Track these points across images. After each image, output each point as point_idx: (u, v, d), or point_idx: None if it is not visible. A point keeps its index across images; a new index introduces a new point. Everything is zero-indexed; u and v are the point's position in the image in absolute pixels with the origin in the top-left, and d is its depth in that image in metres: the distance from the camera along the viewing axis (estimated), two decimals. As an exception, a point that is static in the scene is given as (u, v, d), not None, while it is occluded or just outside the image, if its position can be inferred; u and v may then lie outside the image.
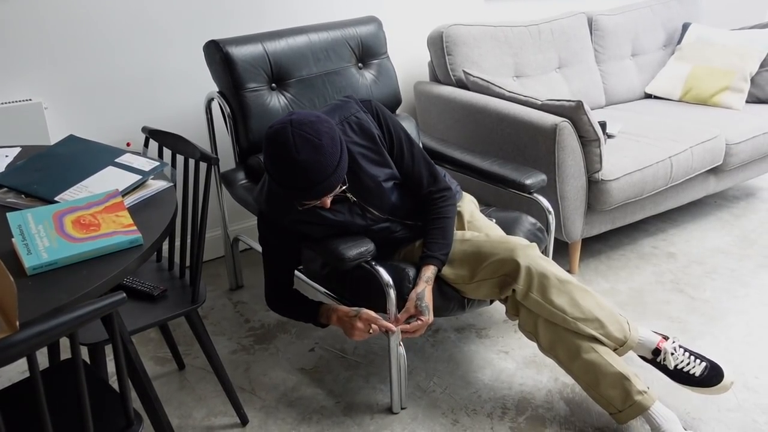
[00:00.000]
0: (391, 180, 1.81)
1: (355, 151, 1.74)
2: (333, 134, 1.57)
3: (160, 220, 1.39)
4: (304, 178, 1.55)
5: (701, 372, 1.76)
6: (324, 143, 1.54)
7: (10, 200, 1.48)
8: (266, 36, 2.25)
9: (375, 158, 1.77)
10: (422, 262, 1.80)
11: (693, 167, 2.71)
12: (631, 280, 2.59)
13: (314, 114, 1.59)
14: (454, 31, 2.81)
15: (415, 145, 1.85)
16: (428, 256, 1.80)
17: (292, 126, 1.55)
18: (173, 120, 2.62)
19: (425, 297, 1.75)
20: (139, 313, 1.68)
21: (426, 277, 1.77)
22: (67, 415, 1.32)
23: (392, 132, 1.81)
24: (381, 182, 1.78)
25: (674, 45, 3.50)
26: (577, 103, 2.32)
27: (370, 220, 1.82)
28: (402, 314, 1.76)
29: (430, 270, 1.79)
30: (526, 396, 1.99)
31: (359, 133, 1.75)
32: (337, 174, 1.58)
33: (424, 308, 1.74)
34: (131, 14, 2.41)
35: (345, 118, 1.75)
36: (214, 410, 1.97)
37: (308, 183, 1.56)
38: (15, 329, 0.98)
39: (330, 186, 1.59)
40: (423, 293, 1.75)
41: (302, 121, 1.56)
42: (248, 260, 2.85)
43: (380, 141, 1.78)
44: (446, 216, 1.85)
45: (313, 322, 1.86)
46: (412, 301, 1.75)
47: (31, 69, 2.29)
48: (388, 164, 1.80)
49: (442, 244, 1.82)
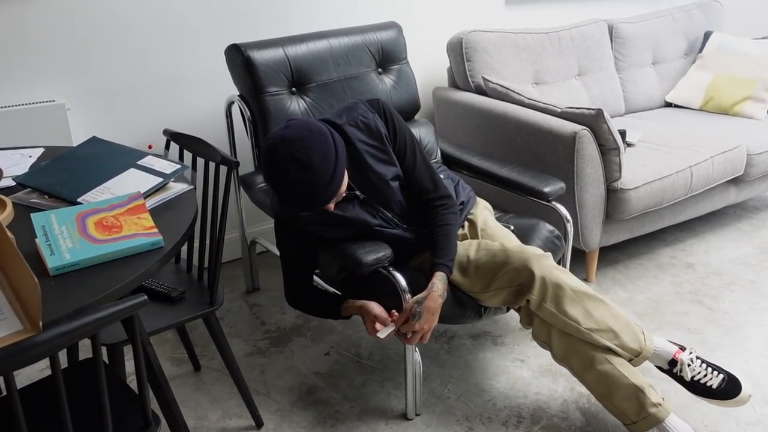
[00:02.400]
0: (398, 180, 1.83)
1: (363, 149, 1.76)
2: (325, 149, 1.59)
3: (180, 222, 1.40)
4: (296, 195, 1.60)
5: (719, 384, 1.74)
6: (313, 161, 1.56)
7: (33, 200, 1.50)
8: (287, 40, 2.26)
9: (382, 157, 1.79)
10: (431, 270, 1.81)
11: (713, 177, 2.69)
12: (648, 290, 2.57)
13: (308, 127, 1.60)
14: (473, 38, 2.81)
15: (419, 149, 1.87)
16: (435, 263, 1.80)
17: (283, 143, 1.57)
18: (194, 123, 2.65)
19: (425, 302, 1.73)
20: (158, 314, 1.69)
21: (432, 284, 1.77)
22: (86, 415, 1.33)
23: (397, 130, 1.83)
24: (388, 180, 1.80)
25: (695, 53, 3.47)
26: (597, 111, 2.31)
27: (381, 219, 1.83)
28: (401, 315, 1.75)
29: (437, 277, 1.78)
30: (541, 405, 1.98)
31: (366, 132, 1.78)
32: (330, 189, 1.61)
33: (416, 313, 1.72)
34: (154, 18, 2.44)
35: (353, 117, 1.78)
36: (229, 412, 1.99)
37: (301, 199, 1.60)
38: (38, 330, 1.00)
39: (323, 201, 1.62)
40: (422, 299, 1.74)
41: (293, 138, 1.57)
42: (265, 263, 2.87)
43: (387, 139, 1.80)
44: (448, 223, 1.86)
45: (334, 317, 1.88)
46: (410, 302, 1.74)
47: (54, 71, 2.32)
48: (395, 163, 1.82)
49: (447, 251, 1.82)
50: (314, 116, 2.25)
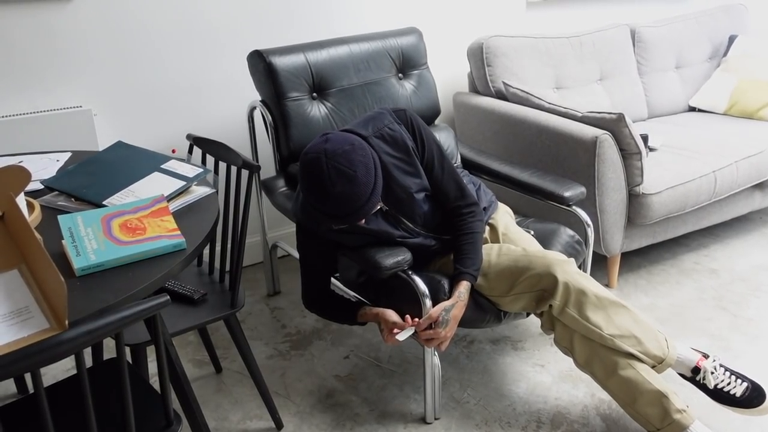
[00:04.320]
0: (423, 191, 1.82)
1: (388, 161, 1.76)
2: (367, 162, 1.58)
3: (202, 225, 1.43)
4: (338, 209, 1.58)
5: (742, 392, 1.72)
6: (358, 174, 1.56)
7: (60, 203, 1.54)
8: (308, 46, 2.28)
9: (408, 169, 1.78)
10: (455, 278, 1.81)
11: (737, 182, 2.65)
12: (671, 296, 2.54)
13: (348, 141, 1.59)
14: (494, 43, 2.81)
15: (446, 158, 1.86)
16: (461, 272, 1.80)
17: (326, 157, 1.56)
18: (217, 128, 2.68)
19: (452, 311, 1.75)
20: (180, 315, 1.72)
21: (459, 293, 1.77)
22: (109, 413, 1.36)
23: (425, 143, 1.82)
24: (413, 193, 1.79)
25: (720, 57, 3.43)
26: (618, 115, 2.30)
27: (403, 230, 1.83)
28: (424, 320, 1.75)
29: (463, 286, 1.78)
30: (561, 411, 1.96)
31: (392, 144, 1.77)
32: (371, 202, 1.60)
33: (444, 320, 1.73)
34: (178, 26, 2.48)
35: (378, 129, 1.76)
36: (249, 414, 2.00)
37: (342, 213, 1.59)
38: (64, 328, 1.02)
39: (364, 213, 1.61)
40: (451, 307, 1.75)
41: (336, 151, 1.56)
42: (286, 266, 2.89)
43: (414, 152, 1.79)
44: (475, 231, 1.85)
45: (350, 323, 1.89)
46: (438, 309, 1.75)
47: (82, 78, 2.37)
48: (420, 175, 1.81)
49: (474, 259, 1.82)
50: (335, 123, 2.27)
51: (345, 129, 1.77)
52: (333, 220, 1.62)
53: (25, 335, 1.03)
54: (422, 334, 1.76)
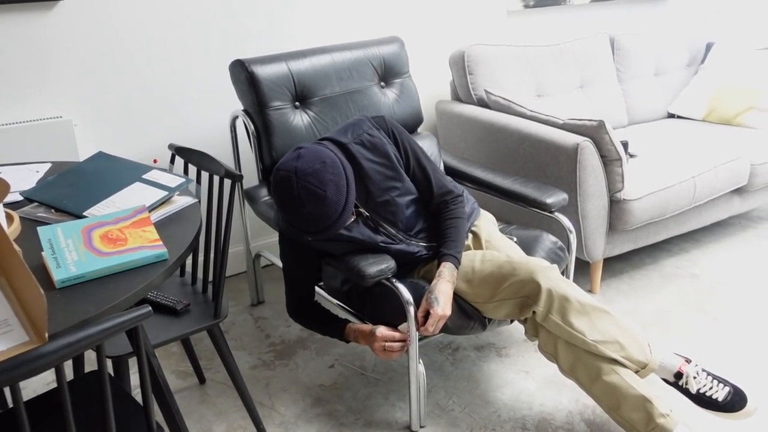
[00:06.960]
0: (406, 195, 1.84)
1: (369, 167, 1.77)
2: (338, 180, 1.62)
3: (184, 235, 1.42)
4: (309, 226, 1.63)
5: (724, 397, 1.73)
6: (328, 194, 1.59)
7: (40, 215, 1.52)
8: (290, 55, 2.29)
9: (388, 173, 1.80)
10: (439, 260, 1.82)
11: (717, 187, 2.69)
12: (653, 300, 2.57)
13: (320, 158, 1.62)
14: (475, 51, 2.83)
15: (425, 158, 1.90)
16: (444, 254, 1.82)
17: (297, 176, 1.59)
18: (199, 137, 2.67)
19: (436, 289, 1.76)
20: (163, 326, 1.70)
21: (439, 272, 1.79)
22: (91, 427, 1.34)
23: (406, 146, 1.86)
24: (395, 197, 1.81)
25: (698, 64, 3.48)
26: (599, 122, 2.32)
27: (384, 235, 1.84)
28: (419, 313, 1.76)
29: (446, 267, 1.80)
30: (546, 417, 1.97)
31: (372, 150, 1.79)
32: (341, 219, 1.64)
33: (433, 300, 1.74)
34: (159, 35, 2.47)
35: (358, 135, 1.79)
36: (233, 425, 1.99)
37: (314, 229, 1.64)
38: (44, 341, 1.01)
39: (335, 230, 1.65)
40: (435, 286, 1.76)
41: (306, 170, 1.59)
42: (270, 276, 2.88)
43: (396, 158, 1.81)
44: (459, 216, 1.89)
45: (334, 336, 1.89)
46: (426, 296, 1.76)
47: (62, 87, 2.35)
48: (402, 179, 1.83)
49: (456, 242, 1.85)
50: (318, 132, 2.27)
51: (325, 137, 1.79)
52: (307, 234, 1.67)
53: (4, 349, 1.01)
54: (422, 331, 1.76)
